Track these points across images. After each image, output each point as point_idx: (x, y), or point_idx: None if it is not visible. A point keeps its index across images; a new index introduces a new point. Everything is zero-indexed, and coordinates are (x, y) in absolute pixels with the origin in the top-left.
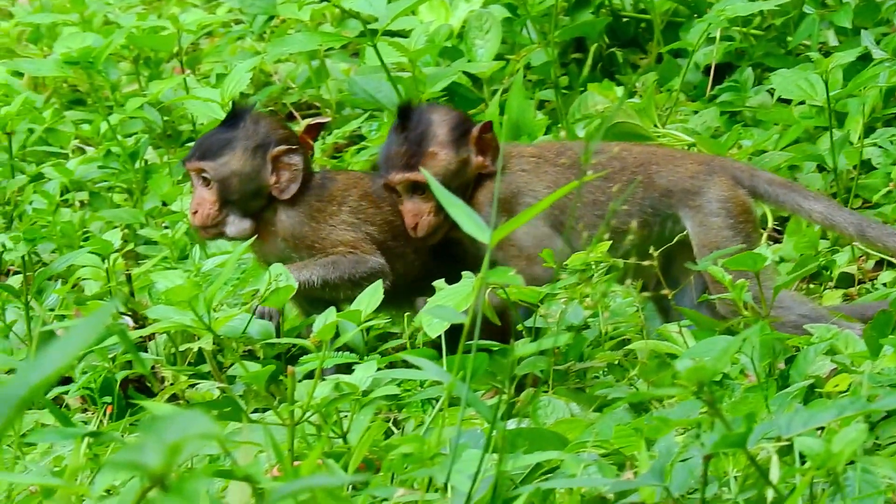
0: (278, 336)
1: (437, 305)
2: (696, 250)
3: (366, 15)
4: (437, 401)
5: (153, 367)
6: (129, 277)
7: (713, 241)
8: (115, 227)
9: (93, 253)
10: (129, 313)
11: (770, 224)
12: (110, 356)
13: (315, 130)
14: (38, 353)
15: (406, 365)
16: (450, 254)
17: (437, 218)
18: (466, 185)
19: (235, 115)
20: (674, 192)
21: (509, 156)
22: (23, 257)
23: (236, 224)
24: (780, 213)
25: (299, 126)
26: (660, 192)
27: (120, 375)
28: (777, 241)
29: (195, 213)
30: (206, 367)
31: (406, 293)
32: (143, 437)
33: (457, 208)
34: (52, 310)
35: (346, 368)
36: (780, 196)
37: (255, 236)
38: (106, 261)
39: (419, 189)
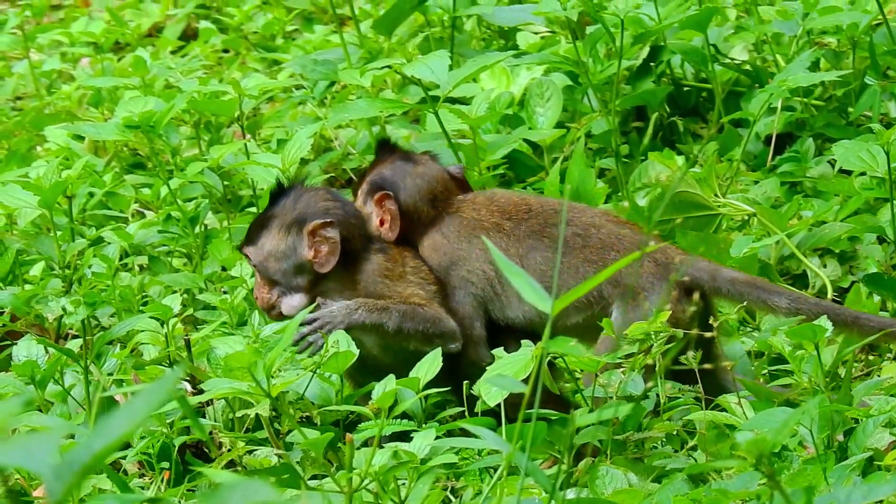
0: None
1: (496, 374)
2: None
3: (427, 82)
4: (496, 470)
5: (211, 433)
6: (187, 343)
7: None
8: (174, 292)
9: (152, 318)
10: (188, 378)
11: (829, 295)
12: (168, 421)
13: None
14: (98, 419)
15: (464, 433)
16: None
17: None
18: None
19: (280, 192)
20: (620, 284)
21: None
22: (82, 321)
23: (287, 302)
24: (750, 309)
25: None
26: (610, 280)
27: (178, 441)
28: None
29: (256, 298)
30: (263, 433)
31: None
32: None
33: (518, 277)
34: (110, 374)
35: (405, 436)
36: (743, 293)
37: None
38: (165, 326)
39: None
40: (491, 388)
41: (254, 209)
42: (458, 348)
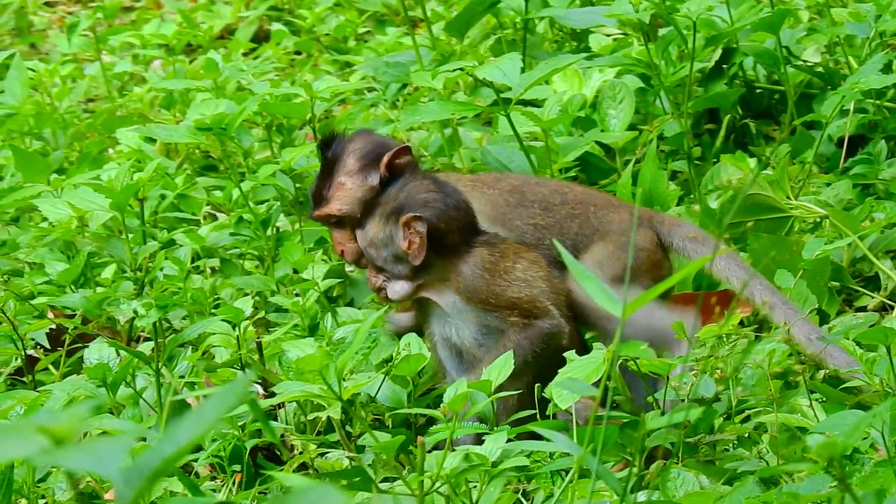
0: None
1: (567, 377)
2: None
3: (499, 84)
4: (567, 472)
5: (282, 436)
6: (259, 345)
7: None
8: (246, 295)
9: (224, 321)
10: (259, 381)
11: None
12: (240, 424)
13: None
14: (169, 422)
15: (536, 436)
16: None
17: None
18: None
19: (391, 177)
20: (598, 232)
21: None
22: (154, 324)
23: (392, 287)
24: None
25: None
26: (590, 230)
27: (250, 444)
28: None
29: (367, 279)
30: (335, 436)
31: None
32: None
33: (588, 279)
34: (182, 377)
35: (477, 438)
36: (689, 252)
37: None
38: (236, 329)
39: (337, 220)
40: (562, 392)
41: None
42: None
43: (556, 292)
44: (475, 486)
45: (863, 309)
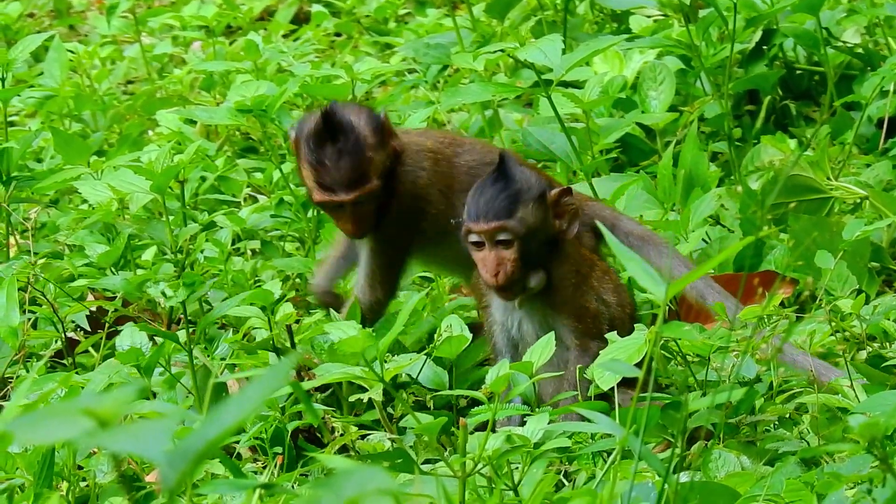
0: (450, 386)
1: (609, 358)
2: None
3: (540, 65)
4: (609, 454)
5: (324, 418)
6: (289, 329)
7: None
8: (278, 278)
9: (252, 304)
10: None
11: None
12: (280, 405)
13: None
14: (210, 405)
15: (578, 417)
16: None
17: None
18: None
19: (503, 164)
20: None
21: (406, 148)
22: (183, 304)
23: (534, 276)
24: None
25: None
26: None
27: (291, 426)
28: None
29: (497, 274)
30: (375, 415)
31: None
32: (319, 493)
33: (633, 262)
34: (223, 359)
35: (519, 420)
36: (632, 247)
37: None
38: (267, 311)
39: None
40: (604, 372)
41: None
42: None
43: (623, 305)
44: (517, 468)
45: None
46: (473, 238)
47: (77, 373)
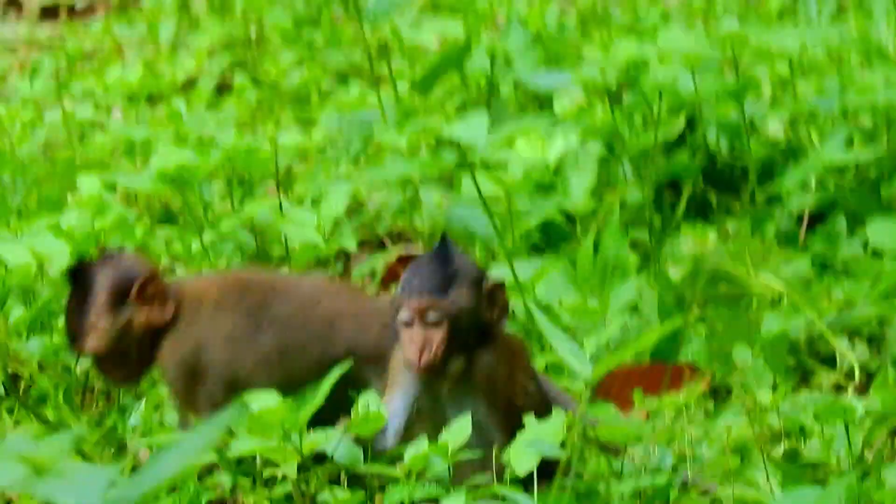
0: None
1: (529, 439)
2: None
3: (464, 145)
4: None
5: (233, 491)
6: None
7: None
8: None
9: None
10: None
11: (857, 377)
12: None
13: (408, 262)
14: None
15: (496, 498)
16: None
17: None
18: None
19: (443, 246)
20: (357, 355)
21: (185, 297)
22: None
23: (456, 361)
24: None
25: (391, 256)
26: (343, 350)
27: (204, 497)
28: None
29: (421, 352)
30: (287, 488)
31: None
32: None
33: (562, 343)
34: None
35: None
36: None
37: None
38: None
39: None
40: (523, 454)
41: (285, 268)
42: None
43: (542, 395)
44: None
45: (819, 387)
46: (403, 315)
47: None
